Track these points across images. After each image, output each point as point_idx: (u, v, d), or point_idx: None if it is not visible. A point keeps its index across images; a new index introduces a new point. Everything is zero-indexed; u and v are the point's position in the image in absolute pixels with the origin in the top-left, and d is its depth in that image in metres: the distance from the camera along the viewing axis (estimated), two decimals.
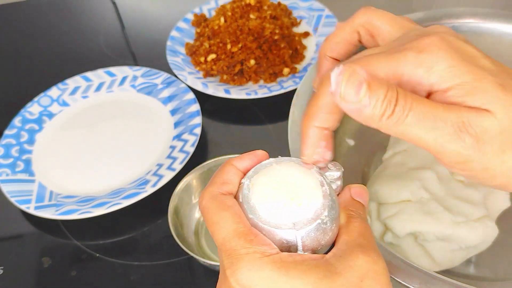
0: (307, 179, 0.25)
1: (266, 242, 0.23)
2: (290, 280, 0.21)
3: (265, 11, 0.73)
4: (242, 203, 0.25)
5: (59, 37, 0.86)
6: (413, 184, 0.44)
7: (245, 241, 0.23)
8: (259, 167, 0.26)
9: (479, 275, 0.44)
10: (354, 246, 0.23)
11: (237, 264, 0.22)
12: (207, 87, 0.65)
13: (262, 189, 0.25)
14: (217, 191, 0.25)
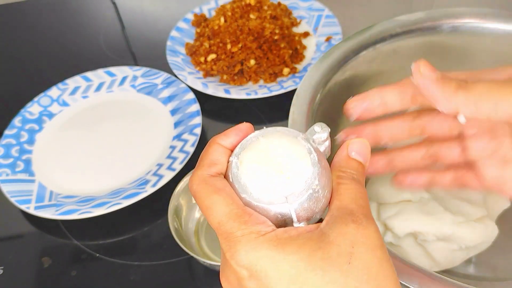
0: (294, 149, 0.25)
1: (261, 220, 0.23)
2: (287, 256, 0.22)
3: (265, 11, 0.73)
4: (233, 182, 0.24)
5: (59, 37, 0.86)
6: None
7: (240, 223, 0.23)
8: (245, 143, 0.26)
9: (479, 275, 0.44)
10: (344, 213, 0.23)
11: (235, 247, 0.22)
12: (207, 87, 0.65)
13: (250, 166, 0.24)
14: (206, 173, 0.25)
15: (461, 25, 0.49)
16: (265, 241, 0.22)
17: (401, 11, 0.53)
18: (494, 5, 0.70)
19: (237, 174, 0.24)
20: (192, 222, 0.51)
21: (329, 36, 0.71)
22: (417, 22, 0.50)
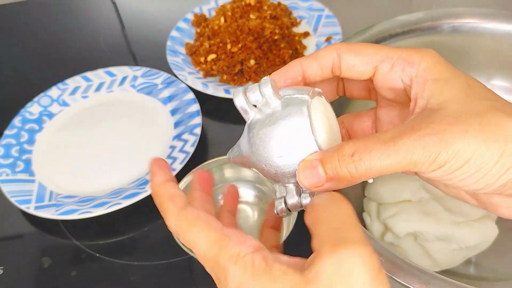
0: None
1: (241, 240, 0.23)
2: (262, 286, 0.21)
3: (265, 11, 0.73)
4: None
5: (59, 37, 0.86)
6: (413, 184, 0.44)
7: (220, 247, 0.23)
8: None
9: (479, 275, 0.44)
10: (320, 245, 0.21)
11: (219, 277, 0.23)
12: (207, 87, 0.65)
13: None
14: (175, 210, 0.25)
15: (461, 25, 0.49)
16: (244, 266, 0.22)
17: (401, 11, 0.53)
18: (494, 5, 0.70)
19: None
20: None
21: (329, 36, 0.71)
22: (417, 22, 0.50)
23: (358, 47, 0.27)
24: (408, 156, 0.22)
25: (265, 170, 0.26)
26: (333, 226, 0.22)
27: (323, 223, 0.22)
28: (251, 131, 0.26)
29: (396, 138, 0.23)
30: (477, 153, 0.22)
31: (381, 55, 0.27)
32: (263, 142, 0.25)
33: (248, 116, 0.26)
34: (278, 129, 0.25)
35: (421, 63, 0.26)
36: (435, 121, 0.23)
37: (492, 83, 0.58)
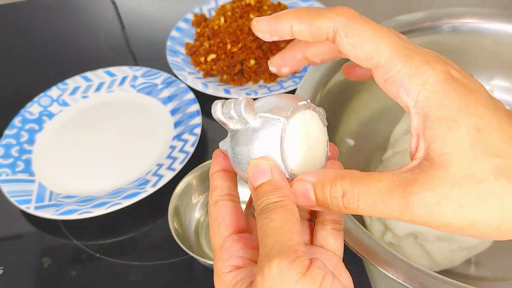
0: (322, 134, 0.27)
1: (225, 257, 0.25)
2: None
3: (265, 11, 0.73)
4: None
5: (59, 37, 0.86)
6: None
7: (214, 257, 0.25)
8: (290, 107, 0.26)
9: (479, 275, 0.44)
10: (259, 260, 0.22)
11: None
12: (207, 87, 0.65)
13: (294, 141, 0.26)
14: (210, 202, 0.27)
15: (461, 25, 0.49)
16: (219, 284, 0.24)
17: (401, 11, 0.53)
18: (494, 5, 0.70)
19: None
20: (192, 222, 0.51)
21: None
22: (417, 22, 0.50)
23: (357, 37, 0.24)
24: (395, 215, 0.22)
25: (239, 175, 0.27)
26: (261, 243, 0.22)
27: (259, 239, 0.23)
28: (231, 142, 0.26)
29: (388, 193, 0.22)
30: (471, 226, 0.21)
31: (376, 60, 0.23)
32: (238, 157, 0.26)
33: (228, 127, 0.26)
34: (251, 151, 0.25)
35: (421, 91, 0.23)
36: (431, 186, 0.21)
37: (492, 83, 0.58)
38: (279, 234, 0.22)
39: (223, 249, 0.25)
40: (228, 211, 0.26)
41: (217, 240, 0.26)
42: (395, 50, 0.23)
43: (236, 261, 0.25)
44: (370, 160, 0.53)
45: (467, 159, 0.21)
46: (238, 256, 0.25)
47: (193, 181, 0.51)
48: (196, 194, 0.52)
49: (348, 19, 0.24)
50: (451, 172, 0.21)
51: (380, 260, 0.34)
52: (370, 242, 0.36)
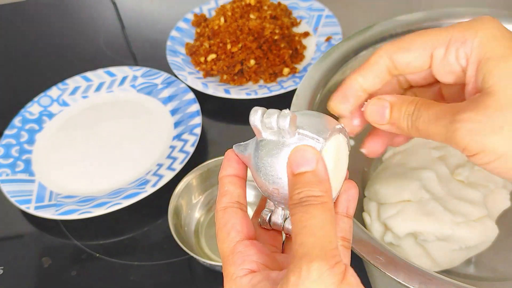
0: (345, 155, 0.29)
1: (238, 262, 0.24)
2: None
3: (265, 11, 0.73)
4: None
5: (59, 37, 0.86)
6: (413, 184, 0.44)
7: (225, 263, 0.25)
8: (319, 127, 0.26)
9: (479, 275, 0.44)
10: (290, 261, 0.21)
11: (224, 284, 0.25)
12: (207, 87, 0.65)
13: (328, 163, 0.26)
14: (218, 207, 0.27)
15: None
16: (233, 286, 0.23)
17: (401, 11, 0.53)
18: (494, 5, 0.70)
19: None
20: (192, 222, 0.51)
21: (329, 36, 0.71)
22: (417, 22, 0.50)
23: (407, 43, 0.27)
24: (442, 137, 0.24)
25: (260, 184, 0.26)
26: (297, 241, 0.21)
27: (294, 235, 0.22)
28: (259, 151, 0.26)
29: (440, 116, 0.24)
30: (507, 154, 0.22)
31: (433, 41, 0.26)
32: (265, 167, 0.25)
33: (260, 135, 0.26)
34: (282, 164, 0.25)
35: (475, 39, 0.25)
36: (475, 109, 0.23)
37: None
38: (320, 235, 0.21)
39: (235, 254, 0.24)
40: (238, 218, 0.26)
41: (227, 245, 0.25)
42: (444, 30, 0.27)
43: (250, 265, 0.24)
44: (370, 160, 0.53)
45: (510, 88, 0.23)
46: (252, 260, 0.24)
47: (193, 181, 0.51)
48: (196, 194, 0.52)
49: (392, 45, 0.29)
50: (496, 98, 0.23)
51: (380, 260, 0.34)
52: (370, 242, 0.36)
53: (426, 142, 0.49)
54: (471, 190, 0.44)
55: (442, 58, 0.26)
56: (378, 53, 0.27)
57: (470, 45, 0.25)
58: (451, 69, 0.26)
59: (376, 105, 0.27)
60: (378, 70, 0.28)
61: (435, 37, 0.26)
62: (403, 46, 0.27)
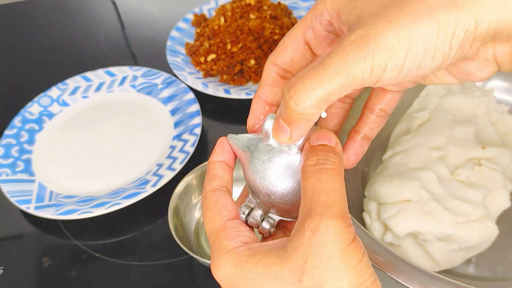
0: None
1: (233, 235, 0.24)
2: (246, 275, 0.22)
3: (265, 11, 0.73)
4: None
5: (59, 37, 0.86)
6: (413, 184, 0.44)
7: (216, 237, 0.24)
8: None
9: (479, 275, 0.44)
10: (303, 218, 0.22)
11: (211, 261, 0.24)
12: (207, 87, 0.65)
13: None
14: (208, 188, 0.27)
15: None
16: (228, 259, 0.23)
17: None
18: None
19: None
20: (192, 222, 0.51)
21: None
22: None
23: (282, 44, 0.26)
24: (341, 72, 0.20)
25: (251, 183, 0.27)
26: (317, 199, 0.22)
27: (310, 194, 0.22)
28: (262, 154, 0.26)
29: (325, 59, 0.21)
30: (413, 36, 0.19)
31: (299, 29, 0.25)
32: (264, 171, 0.26)
33: (268, 140, 0.26)
34: (281, 174, 0.25)
35: (325, 3, 0.24)
36: (357, 30, 0.20)
37: (492, 83, 0.58)
38: (339, 197, 0.22)
39: (227, 229, 0.24)
40: (229, 201, 0.26)
41: (218, 222, 0.25)
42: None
43: (244, 238, 0.24)
44: (370, 160, 0.53)
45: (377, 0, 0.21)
46: (245, 235, 0.24)
47: (193, 181, 0.51)
48: (196, 194, 0.52)
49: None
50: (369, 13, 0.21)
51: (380, 260, 0.34)
52: (370, 242, 0.36)
53: (426, 142, 0.49)
54: (471, 190, 0.44)
55: (313, 38, 0.25)
56: (265, 66, 0.27)
57: (325, 11, 0.24)
58: (327, 41, 0.25)
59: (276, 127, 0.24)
60: (272, 81, 0.27)
61: (299, 25, 0.26)
62: (279, 48, 0.26)
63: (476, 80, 0.23)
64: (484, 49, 0.21)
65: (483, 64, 0.22)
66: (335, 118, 0.29)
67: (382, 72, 0.20)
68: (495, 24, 0.19)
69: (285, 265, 0.21)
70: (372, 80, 0.20)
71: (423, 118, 0.52)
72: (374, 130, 0.28)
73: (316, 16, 0.25)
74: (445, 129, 0.50)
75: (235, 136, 0.28)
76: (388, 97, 0.27)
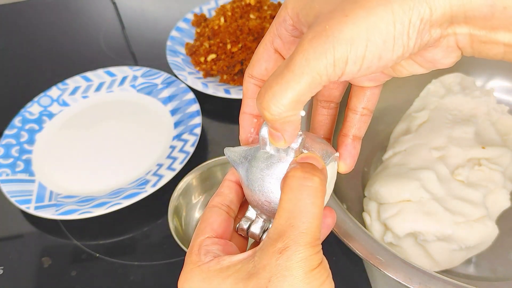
0: None
1: (204, 251, 0.25)
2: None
3: (265, 11, 0.73)
4: None
5: (59, 37, 0.86)
6: (413, 184, 0.44)
7: (190, 252, 0.25)
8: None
9: (479, 275, 0.44)
10: (274, 239, 0.22)
11: (181, 274, 0.25)
12: (207, 87, 0.65)
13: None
14: (209, 204, 0.28)
15: None
16: (198, 273, 0.23)
17: None
18: None
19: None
20: (192, 222, 0.51)
21: None
22: None
23: (255, 56, 0.27)
24: (306, 71, 0.20)
25: (249, 193, 0.27)
26: (294, 224, 0.22)
27: (287, 215, 0.23)
28: (259, 162, 0.26)
29: (288, 62, 0.21)
30: (370, 28, 0.19)
31: (268, 39, 0.26)
32: (263, 179, 0.26)
33: (265, 148, 0.26)
34: (279, 180, 0.25)
35: (287, 13, 0.24)
36: (314, 27, 0.20)
37: (492, 83, 0.58)
38: (315, 224, 0.22)
39: (202, 246, 0.25)
40: (219, 218, 0.27)
41: (198, 238, 0.26)
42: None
43: (213, 254, 0.25)
44: (370, 160, 0.53)
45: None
46: (215, 252, 0.25)
47: (193, 181, 0.51)
48: (196, 194, 0.52)
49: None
50: (326, 10, 0.21)
51: (380, 260, 0.34)
52: (370, 242, 0.36)
53: (426, 142, 0.49)
54: (471, 190, 0.44)
55: (281, 45, 0.26)
56: (243, 80, 0.28)
57: (287, 16, 0.24)
58: (295, 46, 0.25)
59: (271, 134, 0.25)
60: (252, 93, 0.28)
61: (267, 35, 0.26)
62: (253, 61, 0.27)
63: (442, 66, 0.23)
64: (445, 36, 0.21)
65: (446, 51, 0.22)
66: (324, 126, 0.30)
67: (344, 65, 0.20)
68: (449, 9, 0.19)
69: (252, 281, 0.22)
70: (336, 74, 0.20)
71: (423, 118, 0.52)
72: (362, 129, 0.28)
73: (280, 23, 0.25)
74: (445, 129, 0.50)
75: (232, 149, 0.28)
76: (368, 94, 0.27)
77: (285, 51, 0.26)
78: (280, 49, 0.26)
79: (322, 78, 0.20)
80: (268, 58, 0.26)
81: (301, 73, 0.20)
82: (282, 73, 0.21)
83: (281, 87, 0.21)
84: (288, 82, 0.21)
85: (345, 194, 0.48)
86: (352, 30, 0.20)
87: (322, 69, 0.20)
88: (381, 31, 0.19)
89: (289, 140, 0.23)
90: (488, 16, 0.19)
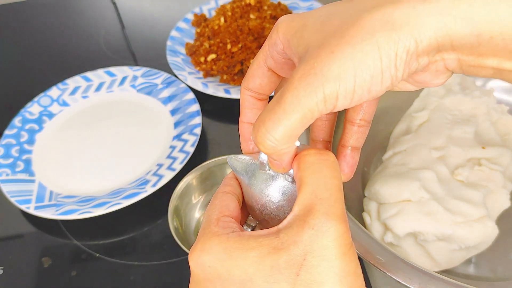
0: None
1: (223, 225, 0.24)
2: (236, 261, 0.22)
3: (265, 11, 0.73)
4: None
5: (59, 37, 0.86)
6: (413, 184, 0.44)
7: (207, 225, 0.24)
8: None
9: (479, 275, 0.44)
10: (303, 213, 0.21)
11: (194, 245, 0.23)
12: (207, 87, 0.65)
13: None
14: (220, 190, 0.27)
15: None
16: (217, 242, 0.22)
17: None
18: None
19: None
20: (192, 222, 0.51)
21: None
22: None
23: (250, 71, 0.27)
24: (297, 109, 0.21)
25: (248, 204, 0.27)
26: (320, 196, 0.22)
27: (310, 188, 0.22)
28: (258, 179, 0.26)
29: (280, 99, 0.21)
30: (357, 64, 0.20)
31: (260, 57, 0.26)
32: (264, 198, 0.26)
33: (264, 169, 0.26)
34: (278, 201, 0.25)
35: (278, 37, 0.24)
36: (303, 64, 0.21)
37: (492, 83, 0.58)
38: (340, 196, 0.22)
39: (220, 221, 0.24)
40: (233, 204, 0.26)
41: (215, 214, 0.25)
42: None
43: (234, 229, 0.24)
44: (370, 160, 0.53)
45: (321, 31, 0.22)
46: (234, 230, 0.24)
47: (193, 181, 0.51)
48: (196, 194, 0.52)
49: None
50: (314, 45, 0.21)
51: (380, 260, 0.34)
52: (370, 242, 0.36)
53: (426, 142, 0.49)
54: (471, 190, 0.44)
55: (274, 65, 0.26)
56: (240, 91, 0.28)
57: (278, 41, 0.24)
58: (288, 66, 0.26)
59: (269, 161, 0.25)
60: (250, 104, 0.28)
61: (260, 54, 0.26)
62: (248, 75, 0.27)
63: (434, 86, 0.23)
64: (434, 62, 0.21)
65: (435, 74, 0.22)
66: (323, 130, 0.30)
67: (335, 100, 0.20)
68: (435, 40, 0.19)
69: (282, 256, 0.21)
70: (328, 109, 0.21)
71: (423, 118, 0.52)
72: (360, 140, 0.28)
73: (272, 46, 0.25)
74: (445, 129, 0.50)
75: (234, 157, 0.28)
76: (364, 107, 0.27)
77: (278, 70, 0.26)
78: (273, 67, 0.26)
79: (314, 114, 0.21)
80: (261, 75, 0.27)
81: (291, 111, 0.21)
82: (274, 109, 0.21)
83: (273, 123, 0.21)
84: (279, 119, 0.21)
85: (345, 194, 0.47)
86: (340, 67, 0.20)
87: (313, 106, 0.21)
88: (368, 67, 0.20)
89: (287, 166, 0.24)
90: (475, 45, 0.19)
